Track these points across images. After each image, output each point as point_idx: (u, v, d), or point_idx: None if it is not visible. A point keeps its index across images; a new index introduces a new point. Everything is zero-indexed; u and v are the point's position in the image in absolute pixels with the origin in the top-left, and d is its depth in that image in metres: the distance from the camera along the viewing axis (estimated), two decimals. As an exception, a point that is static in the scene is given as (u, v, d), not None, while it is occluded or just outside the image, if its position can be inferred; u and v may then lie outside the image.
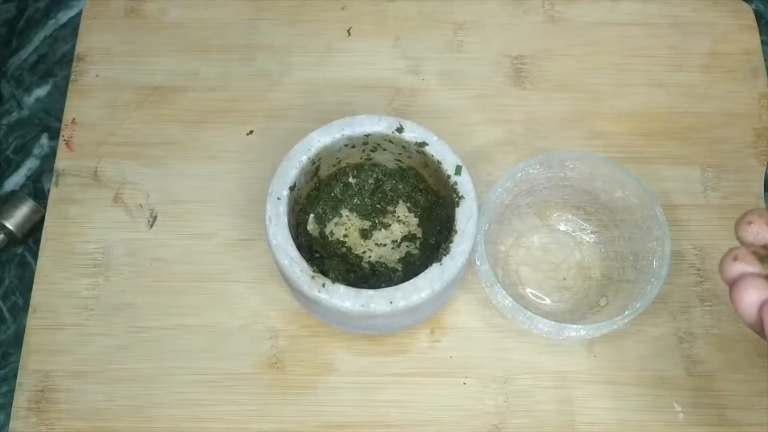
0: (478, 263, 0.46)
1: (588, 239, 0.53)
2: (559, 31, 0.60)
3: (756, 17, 0.60)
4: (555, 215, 0.53)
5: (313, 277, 0.44)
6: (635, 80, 0.58)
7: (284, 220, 0.45)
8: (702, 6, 0.60)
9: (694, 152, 0.56)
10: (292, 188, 0.46)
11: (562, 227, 0.53)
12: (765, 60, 0.59)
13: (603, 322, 0.45)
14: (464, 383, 0.49)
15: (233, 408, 0.49)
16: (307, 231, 0.51)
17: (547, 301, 0.51)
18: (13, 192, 0.54)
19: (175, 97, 0.58)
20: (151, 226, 0.54)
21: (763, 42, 0.60)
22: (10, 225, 0.53)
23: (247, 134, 0.56)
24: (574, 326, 0.45)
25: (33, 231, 0.54)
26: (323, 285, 0.43)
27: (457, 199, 0.46)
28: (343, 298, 0.43)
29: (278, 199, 0.45)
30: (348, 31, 0.60)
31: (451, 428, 0.49)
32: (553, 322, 0.45)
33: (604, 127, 0.56)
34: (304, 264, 0.44)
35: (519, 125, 0.56)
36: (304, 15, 0.61)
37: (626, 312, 0.45)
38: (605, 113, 0.57)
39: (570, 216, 0.53)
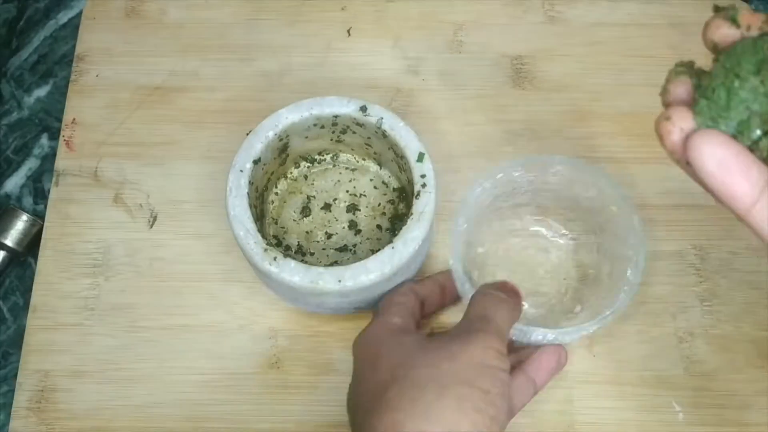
0: (451, 261, 0.45)
1: (567, 244, 0.52)
2: (559, 31, 0.60)
3: (756, 17, 0.60)
4: (535, 219, 0.52)
5: (265, 250, 0.44)
6: (635, 80, 0.58)
7: (245, 191, 0.46)
8: (702, 6, 0.60)
9: (694, 152, 0.56)
10: (256, 162, 0.47)
11: (542, 231, 0.53)
12: (765, 60, 0.59)
13: (569, 328, 0.44)
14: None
15: (233, 408, 0.49)
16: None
17: (524, 305, 0.49)
18: (6, 209, 0.54)
19: (175, 97, 0.58)
20: (151, 226, 0.54)
21: (762, 42, 0.60)
22: (9, 242, 0.53)
23: (247, 134, 0.56)
24: (541, 329, 0.44)
25: (33, 243, 0.54)
26: (274, 258, 0.44)
27: (417, 187, 0.46)
28: (292, 272, 0.44)
29: (241, 171, 0.46)
30: (348, 31, 0.60)
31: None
32: (521, 326, 0.44)
33: (603, 128, 0.56)
34: (258, 236, 0.45)
35: (519, 125, 0.57)
36: (304, 15, 0.61)
37: (596, 318, 0.44)
38: (605, 113, 0.57)
39: (551, 221, 0.52)
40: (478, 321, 0.41)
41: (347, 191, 0.53)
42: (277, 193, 0.52)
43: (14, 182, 0.57)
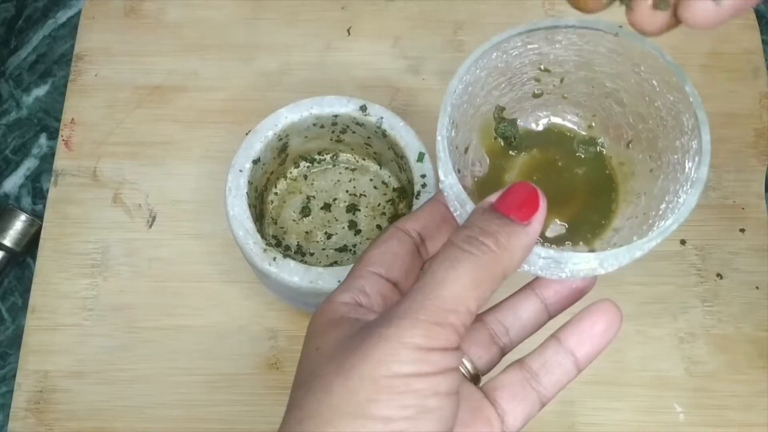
0: (442, 179, 0.32)
1: (590, 145, 0.38)
2: (560, 30, 0.60)
3: (757, 17, 0.60)
4: (543, 114, 0.39)
5: (265, 250, 0.44)
6: (636, 80, 0.58)
7: (244, 191, 0.45)
8: (702, 6, 0.60)
9: (695, 152, 0.56)
10: (255, 161, 0.47)
11: (554, 132, 0.39)
12: (766, 60, 0.59)
13: (621, 247, 0.30)
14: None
15: (232, 408, 0.49)
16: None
17: (556, 224, 0.37)
18: (5, 209, 0.54)
19: (174, 96, 0.58)
20: (150, 226, 0.54)
21: (763, 41, 0.59)
22: (8, 242, 0.53)
23: (247, 134, 0.56)
24: (583, 254, 0.30)
25: (32, 243, 0.54)
26: (274, 258, 0.44)
27: (417, 187, 0.46)
28: (292, 273, 0.44)
29: (240, 171, 0.46)
30: (348, 30, 0.60)
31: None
32: (549, 252, 0.30)
33: (604, 127, 0.56)
34: (257, 236, 0.45)
35: (519, 125, 0.56)
36: (304, 14, 0.60)
37: (654, 229, 0.31)
38: (605, 113, 0.57)
39: (566, 114, 0.39)
40: (413, 295, 0.27)
41: (347, 191, 0.52)
42: (276, 193, 0.52)
43: (13, 182, 0.57)
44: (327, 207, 0.52)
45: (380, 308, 0.32)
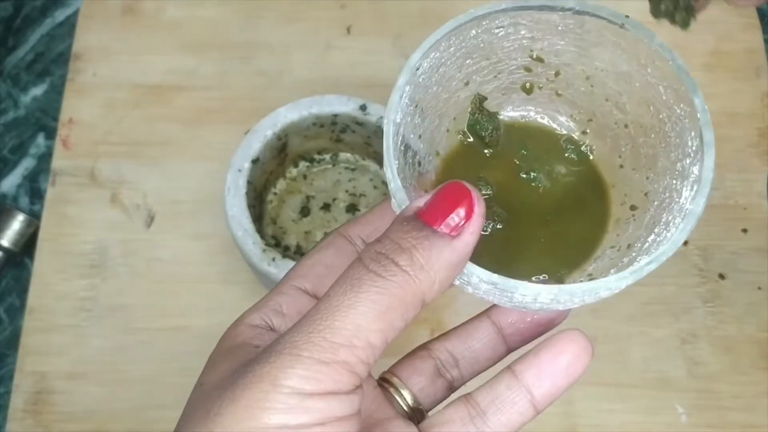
0: (387, 173, 0.26)
1: (582, 151, 0.32)
2: (561, 29, 0.59)
3: (759, 16, 0.60)
4: (532, 111, 0.33)
5: (264, 251, 0.44)
6: (637, 79, 0.58)
7: (243, 191, 0.45)
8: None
9: (697, 152, 0.55)
10: (255, 161, 0.47)
11: (541, 132, 0.33)
12: (768, 59, 0.59)
13: (582, 282, 0.26)
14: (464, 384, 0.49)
15: (231, 410, 0.49)
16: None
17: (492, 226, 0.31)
18: (2, 209, 0.54)
19: (172, 96, 0.57)
20: (149, 227, 0.53)
21: (766, 41, 0.59)
22: (5, 242, 0.53)
23: (246, 133, 0.56)
24: (532, 285, 0.25)
25: (30, 243, 0.53)
26: (273, 259, 0.44)
27: None
28: None
29: (239, 171, 0.46)
30: (348, 29, 0.60)
31: (452, 430, 0.48)
32: (497, 276, 0.25)
33: (605, 127, 0.56)
34: (257, 237, 0.44)
35: (520, 124, 0.56)
36: (304, 13, 0.60)
37: (646, 259, 0.26)
38: (607, 112, 0.57)
39: (557, 115, 0.33)
40: (301, 325, 0.23)
41: (347, 191, 0.52)
42: (275, 193, 0.52)
43: (10, 182, 0.57)
44: (326, 207, 0.52)
45: None
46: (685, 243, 0.53)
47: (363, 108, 0.47)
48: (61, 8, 0.62)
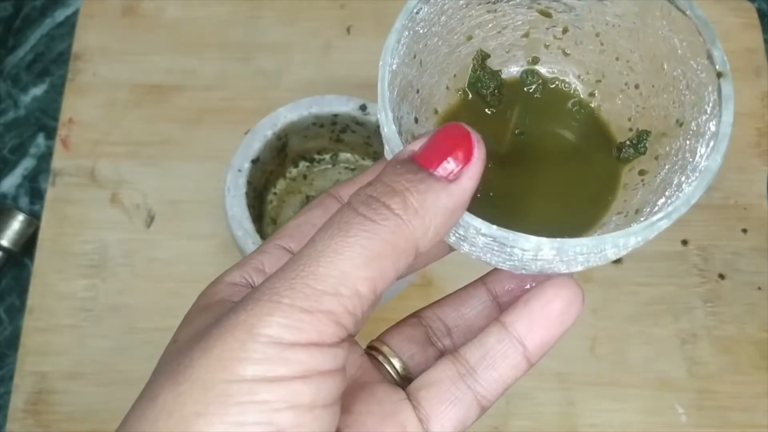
0: (384, 129, 0.25)
1: (590, 113, 0.31)
2: (561, 29, 0.59)
3: (759, 16, 0.60)
4: (538, 69, 0.31)
5: None
6: (637, 79, 0.57)
7: (243, 191, 0.45)
8: (704, 4, 0.59)
9: (697, 152, 0.55)
10: (255, 161, 0.47)
11: (549, 91, 0.31)
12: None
13: (587, 237, 0.23)
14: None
15: (231, 410, 0.48)
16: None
17: None
18: (2, 209, 0.54)
19: (172, 96, 0.57)
20: (149, 227, 0.53)
21: (765, 41, 0.59)
22: (5, 242, 0.53)
23: (245, 133, 0.56)
24: (534, 238, 0.23)
25: (30, 243, 0.53)
26: None
27: None
28: None
29: (239, 171, 0.46)
30: (348, 29, 0.60)
31: (452, 430, 0.48)
32: (496, 228, 0.23)
33: (605, 127, 0.56)
34: (257, 237, 0.44)
35: (520, 124, 0.56)
36: (303, 13, 0.60)
37: (657, 215, 0.24)
38: (607, 112, 0.57)
39: (565, 75, 0.31)
40: (283, 271, 0.21)
41: None
42: (275, 193, 0.52)
43: (10, 182, 0.57)
44: None
45: None
46: (686, 243, 0.53)
47: (363, 108, 0.47)
48: (61, 8, 0.62)
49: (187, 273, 0.52)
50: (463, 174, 0.22)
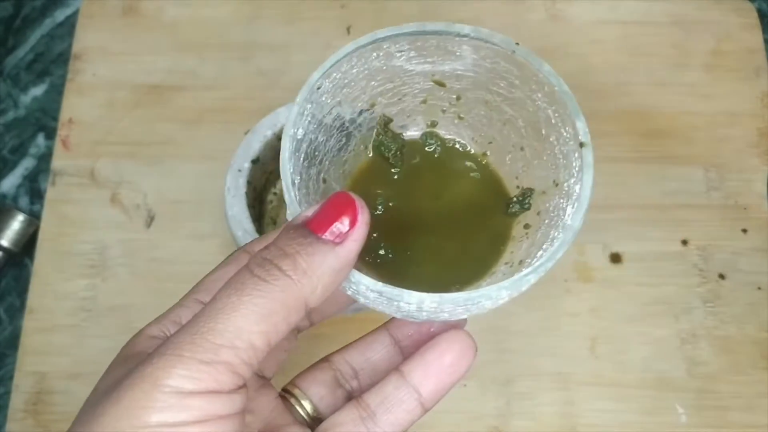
0: (286, 195, 0.27)
1: (483, 172, 0.34)
2: (561, 29, 0.59)
3: (759, 16, 0.60)
4: (428, 131, 0.34)
5: None
6: (637, 79, 0.57)
7: (243, 191, 0.45)
8: (705, 4, 0.60)
9: (697, 152, 0.55)
10: (254, 161, 0.47)
11: (447, 151, 0.35)
12: (768, 59, 0.59)
13: (461, 292, 0.26)
14: (465, 385, 0.49)
15: (231, 410, 0.48)
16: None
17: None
18: (2, 209, 0.54)
19: (172, 96, 0.57)
20: (149, 227, 0.53)
21: (766, 40, 0.59)
22: (5, 242, 0.53)
23: (245, 133, 0.56)
24: (415, 294, 0.26)
25: (30, 243, 0.53)
26: None
27: None
28: None
29: (239, 171, 0.46)
30: (348, 29, 0.60)
31: (452, 430, 0.48)
32: (381, 285, 0.26)
33: (605, 126, 0.56)
34: (257, 237, 0.44)
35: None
36: (303, 13, 0.60)
37: (526, 270, 0.27)
38: (606, 112, 0.57)
39: (457, 137, 0.34)
40: (187, 327, 0.24)
41: None
42: (275, 193, 0.52)
43: (10, 182, 0.57)
44: None
45: None
46: (686, 243, 0.53)
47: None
48: (61, 8, 0.62)
49: (187, 273, 0.52)
50: (348, 237, 0.24)
